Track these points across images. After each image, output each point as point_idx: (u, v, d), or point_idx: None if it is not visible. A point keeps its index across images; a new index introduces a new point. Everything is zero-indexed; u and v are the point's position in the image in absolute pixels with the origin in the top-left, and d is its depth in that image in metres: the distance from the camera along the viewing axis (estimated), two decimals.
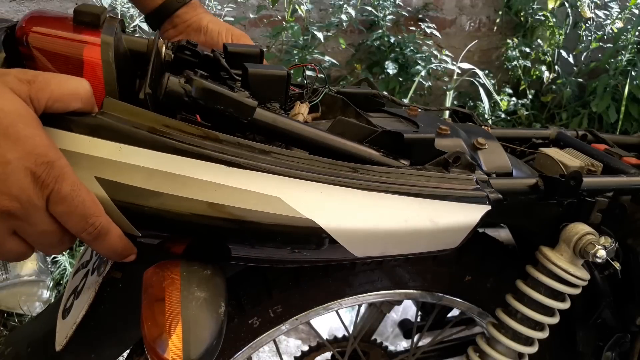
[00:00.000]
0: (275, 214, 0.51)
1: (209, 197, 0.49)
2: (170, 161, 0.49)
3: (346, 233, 0.55)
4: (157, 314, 0.49)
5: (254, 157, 0.52)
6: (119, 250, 0.49)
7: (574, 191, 0.70)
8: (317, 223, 0.53)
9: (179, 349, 0.47)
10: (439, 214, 0.59)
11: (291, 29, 2.34)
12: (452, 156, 0.62)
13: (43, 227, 0.45)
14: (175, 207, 0.49)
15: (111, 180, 0.47)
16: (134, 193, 0.48)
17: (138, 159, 0.48)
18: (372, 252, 0.58)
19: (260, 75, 0.61)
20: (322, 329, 1.57)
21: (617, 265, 0.74)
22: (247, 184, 0.51)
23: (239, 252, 0.55)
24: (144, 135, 0.48)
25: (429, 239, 0.60)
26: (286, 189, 0.52)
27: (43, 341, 0.68)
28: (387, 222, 0.57)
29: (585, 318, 0.85)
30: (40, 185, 0.43)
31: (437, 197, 0.59)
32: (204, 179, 0.49)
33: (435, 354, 1.10)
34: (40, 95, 0.44)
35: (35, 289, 1.74)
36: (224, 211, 0.50)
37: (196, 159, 0.49)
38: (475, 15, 3.27)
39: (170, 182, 0.48)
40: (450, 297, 0.82)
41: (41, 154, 0.42)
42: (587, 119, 2.97)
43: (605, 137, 0.96)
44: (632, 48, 2.83)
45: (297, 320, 0.75)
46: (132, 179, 0.48)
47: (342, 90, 0.76)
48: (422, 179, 0.60)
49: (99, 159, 0.47)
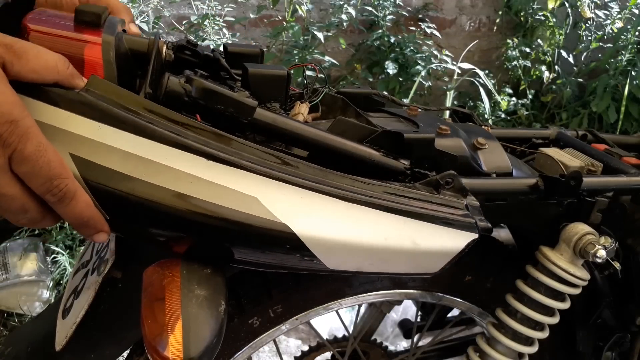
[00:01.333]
0: (250, 214, 0.50)
1: (183, 188, 0.48)
2: (148, 147, 0.48)
3: (321, 243, 0.53)
4: (157, 313, 0.49)
5: (236, 154, 0.51)
6: (84, 218, 0.47)
7: (574, 191, 0.70)
8: (291, 229, 0.51)
9: (179, 347, 0.47)
10: (422, 235, 0.57)
11: (291, 29, 2.34)
12: (444, 178, 0.60)
13: (4, 190, 0.43)
14: (147, 194, 0.47)
15: (85, 158, 0.46)
16: (107, 175, 0.47)
17: (116, 141, 0.47)
18: (347, 266, 0.56)
19: (260, 75, 0.61)
20: (322, 329, 1.57)
21: (617, 265, 0.74)
22: (225, 180, 0.49)
23: (208, 249, 0.54)
24: (125, 117, 0.47)
25: (407, 261, 0.58)
26: (265, 190, 0.51)
27: (43, 341, 0.68)
28: (366, 238, 0.54)
29: (585, 318, 0.85)
30: (2, 144, 0.41)
31: (422, 217, 0.57)
32: (180, 169, 0.48)
33: (435, 354, 1.10)
34: (15, 61, 0.43)
35: (35, 289, 1.75)
36: (197, 205, 0.49)
37: (175, 148, 0.48)
38: (475, 15, 3.27)
39: (145, 167, 0.47)
40: (450, 297, 0.82)
41: (5, 112, 0.41)
42: (587, 119, 2.97)
43: (605, 137, 0.96)
44: (632, 48, 2.83)
45: (297, 320, 0.75)
46: (107, 160, 0.47)
47: (342, 90, 0.76)
48: (410, 197, 0.58)
49: (75, 136, 0.46)
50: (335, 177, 0.55)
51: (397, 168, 0.62)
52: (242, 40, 2.64)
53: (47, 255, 1.81)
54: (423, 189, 0.60)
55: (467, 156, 0.66)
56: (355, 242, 0.54)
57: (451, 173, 0.61)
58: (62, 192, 0.45)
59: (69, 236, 1.79)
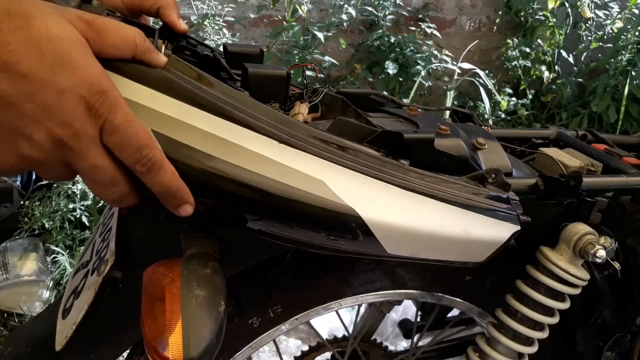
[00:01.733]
0: (318, 196, 0.52)
1: (258, 168, 0.50)
2: (227, 128, 0.49)
3: (383, 227, 0.55)
4: (157, 313, 0.49)
5: (304, 139, 0.53)
6: (172, 188, 0.47)
7: (574, 191, 0.70)
8: (357, 212, 0.53)
9: (179, 347, 0.47)
10: (472, 225, 0.60)
11: (291, 29, 2.34)
12: (489, 172, 0.64)
13: (95, 161, 0.43)
14: (225, 172, 0.49)
15: (167, 135, 0.47)
16: (188, 152, 0.48)
17: (196, 120, 0.48)
18: (404, 251, 0.59)
19: (260, 75, 0.61)
20: (322, 329, 1.57)
21: (617, 265, 0.74)
22: (294, 163, 0.52)
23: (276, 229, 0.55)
24: (205, 99, 0.49)
25: (459, 249, 0.60)
26: (331, 175, 0.53)
27: (43, 341, 0.68)
28: (423, 224, 0.57)
29: (585, 318, 0.85)
30: (94, 115, 0.42)
31: (472, 208, 0.60)
32: (256, 150, 0.50)
33: (435, 354, 1.10)
34: (96, 37, 0.43)
35: (35, 289, 1.75)
36: (271, 185, 0.51)
37: (251, 130, 0.50)
38: (475, 15, 3.27)
39: (224, 148, 0.49)
40: (450, 297, 0.82)
41: (95, 82, 0.41)
42: (587, 119, 2.97)
43: (605, 137, 0.96)
44: (632, 48, 2.83)
45: (297, 320, 0.75)
46: (188, 138, 0.48)
47: (342, 90, 0.76)
48: (460, 188, 0.61)
49: (158, 113, 0.47)
50: (392, 166, 0.58)
51: None
52: (242, 40, 2.64)
53: (47, 255, 1.81)
54: (470, 182, 0.63)
55: (467, 156, 0.66)
56: (414, 228, 0.57)
57: (495, 168, 0.64)
58: (151, 162, 0.45)
59: (69, 236, 1.79)
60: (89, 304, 0.61)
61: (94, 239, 0.74)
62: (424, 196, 0.57)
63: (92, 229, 1.79)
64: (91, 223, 1.80)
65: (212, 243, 0.59)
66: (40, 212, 1.72)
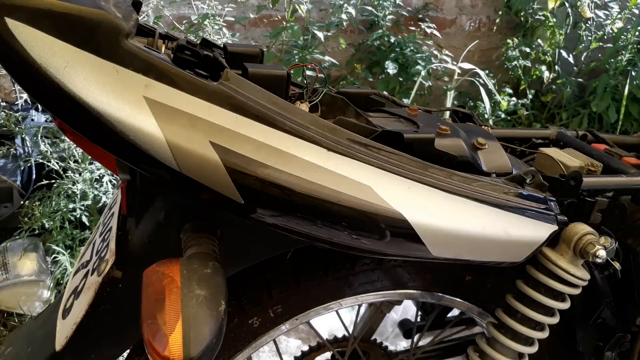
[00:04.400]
0: (366, 201, 0.54)
1: (309, 175, 0.52)
2: (279, 137, 0.52)
3: (429, 230, 0.57)
4: (157, 312, 0.49)
5: (350, 146, 0.55)
6: None
7: (574, 191, 0.70)
8: (404, 216, 0.55)
9: (179, 347, 0.47)
10: (512, 226, 0.61)
11: (291, 29, 2.34)
12: (527, 173, 0.65)
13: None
14: (278, 180, 0.51)
15: (224, 146, 0.50)
16: (244, 161, 0.50)
17: (250, 131, 0.51)
18: (448, 253, 0.60)
19: (260, 75, 0.61)
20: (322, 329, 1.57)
21: (617, 265, 0.74)
22: (342, 170, 0.54)
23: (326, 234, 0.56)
24: (258, 110, 0.52)
25: (500, 249, 0.62)
26: (377, 180, 0.55)
27: (43, 341, 0.68)
28: (467, 227, 0.59)
29: (585, 318, 0.85)
30: None
31: (512, 209, 0.62)
32: (306, 158, 0.52)
33: (435, 354, 1.10)
34: None
35: (35, 289, 1.74)
36: (320, 191, 0.53)
37: (301, 140, 0.53)
38: (475, 15, 3.27)
39: (277, 156, 0.51)
40: (450, 297, 0.82)
41: None
42: (587, 119, 2.97)
43: (605, 137, 0.96)
44: (632, 48, 2.83)
45: (297, 320, 0.75)
46: (244, 149, 0.50)
47: (342, 90, 0.76)
48: (500, 190, 0.62)
49: (215, 125, 0.50)
50: (434, 170, 0.60)
51: None
52: (242, 40, 2.64)
53: (47, 255, 1.81)
54: (509, 183, 0.64)
55: (467, 156, 0.66)
56: (458, 230, 0.58)
57: (532, 170, 0.66)
58: None
59: (69, 236, 1.79)
60: (89, 304, 0.61)
61: (94, 239, 0.74)
62: (467, 199, 0.59)
63: (92, 229, 1.79)
64: (91, 223, 1.79)
65: (212, 243, 0.59)
66: (40, 212, 1.72)
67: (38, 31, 0.45)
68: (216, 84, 0.51)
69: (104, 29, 0.47)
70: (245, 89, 0.53)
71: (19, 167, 1.83)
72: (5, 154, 1.81)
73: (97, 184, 1.79)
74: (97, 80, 0.46)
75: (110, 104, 0.47)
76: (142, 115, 0.47)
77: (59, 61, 0.45)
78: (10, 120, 1.78)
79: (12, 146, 1.79)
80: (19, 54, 0.44)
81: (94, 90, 0.46)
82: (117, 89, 0.47)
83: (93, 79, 0.46)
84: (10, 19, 0.44)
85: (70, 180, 1.75)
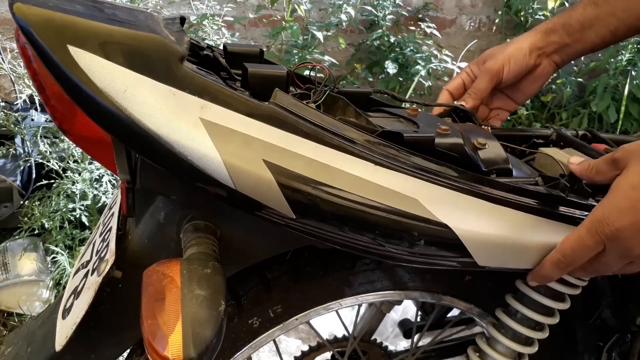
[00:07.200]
0: (413, 213, 0.55)
1: (357, 190, 0.54)
2: (328, 154, 0.54)
3: (475, 241, 0.58)
4: (156, 312, 0.49)
5: (395, 160, 0.56)
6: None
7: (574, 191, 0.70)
8: (451, 227, 0.56)
9: (178, 347, 0.47)
10: (555, 234, 0.62)
11: (291, 29, 2.34)
12: (571, 181, 0.65)
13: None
14: (328, 195, 0.53)
15: (277, 164, 0.51)
16: (295, 178, 0.52)
17: (301, 148, 0.53)
18: (493, 262, 0.61)
19: (260, 75, 0.61)
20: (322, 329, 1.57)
21: None
22: (389, 183, 0.55)
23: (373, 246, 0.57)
24: (308, 128, 0.54)
25: (543, 257, 0.63)
26: (423, 192, 0.56)
27: (43, 341, 0.68)
28: (512, 236, 0.59)
29: (585, 318, 0.85)
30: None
31: (555, 217, 0.62)
32: (354, 173, 0.54)
33: (435, 354, 1.10)
34: None
35: (35, 289, 1.74)
36: (370, 205, 0.54)
37: (349, 155, 0.54)
38: (475, 15, 3.27)
39: (326, 172, 0.53)
40: (450, 297, 0.82)
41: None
42: (587, 119, 2.97)
43: (605, 137, 0.96)
44: (632, 48, 2.83)
45: (297, 320, 0.75)
46: (295, 166, 0.52)
47: (342, 89, 0.76)
48: (543, 197, 0.63)
49: (268, 144, 0.52)
50: (476, 179, 0.60)
51: None
52: (242, 40, 2.64)
53: (47, 255, 1.81)
54: (552, 190, 0.65)
55: (467, 156, 0.66)
56: (503, 240, 0.59)
57: (575, 177, 0.66)
58: None
59: (69, 236, 1.79)
60: (89, 304, 0.61)
61: (94, 239, 0.74)
62: (510, 208, 0.60)
63: (92, 229, 1.79)
64: (91, 223, 1.79)
65: (212, 243, 0.59)
66: (40, 212, 1.72)
67: (98, 57, 0.47)
68: (267, 104, 0.53)
69: (160, 53, 0.49)
70: (293, 107, 0.54)
71: (19, 167, 1.83)
72: (5, 154, 1.81)
73: (97, 184, 1.79)
74: (156, 103, 0.48)
75: (168, 126, 0.48)
76: (199, 137, 0.49)
77: (119, 86, 0.47)
78: (10, 120, 1.78)
79: (11, 146, 1.79)
80: (81, 80, 0.47)
81: (152, 113, 0.48)
82: (175, 111, 0.49)
83: (151, 102, 0.48)
84: (73, 46, 0.47)
85: (70, 180, 1.74)
